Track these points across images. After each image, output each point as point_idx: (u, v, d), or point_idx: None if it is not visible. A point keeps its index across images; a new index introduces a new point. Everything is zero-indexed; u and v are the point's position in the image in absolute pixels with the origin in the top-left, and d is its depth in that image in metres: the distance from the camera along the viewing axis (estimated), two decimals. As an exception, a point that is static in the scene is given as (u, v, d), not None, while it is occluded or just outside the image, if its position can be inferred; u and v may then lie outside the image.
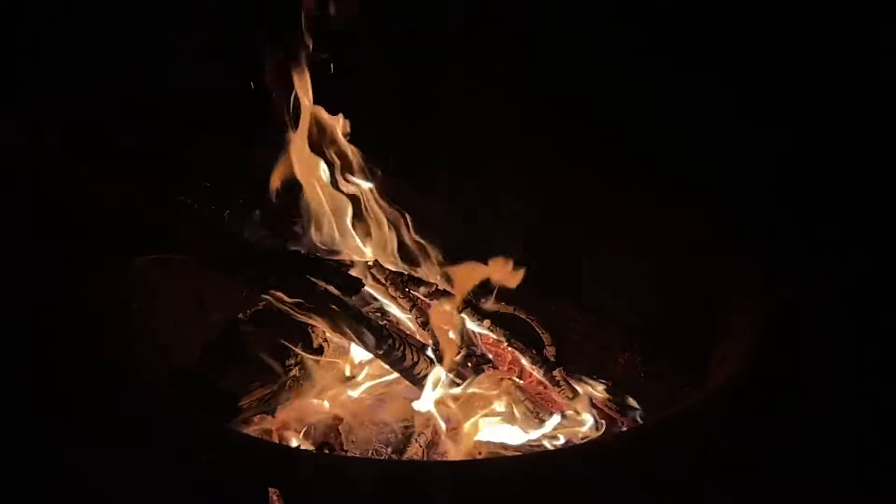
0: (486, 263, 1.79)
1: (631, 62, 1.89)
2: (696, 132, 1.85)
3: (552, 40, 1.95)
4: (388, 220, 1.90)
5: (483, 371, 1.75)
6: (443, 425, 1.65)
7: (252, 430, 1.66)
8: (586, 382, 1.83)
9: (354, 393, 1.76)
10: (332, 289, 1.73)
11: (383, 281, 1.84)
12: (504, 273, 1.78)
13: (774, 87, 1.80)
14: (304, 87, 1.78)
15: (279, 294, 1.65)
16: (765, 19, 1.80)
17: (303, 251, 1.82)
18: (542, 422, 1.66)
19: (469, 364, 1.75)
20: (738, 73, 1.81)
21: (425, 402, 1.68)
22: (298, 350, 1.69)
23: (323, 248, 1.85)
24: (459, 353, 1.76)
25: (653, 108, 1.88)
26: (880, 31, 1.71)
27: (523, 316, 1.84)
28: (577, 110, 1.98)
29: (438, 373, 1.70)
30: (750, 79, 1.80)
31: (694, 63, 1.84)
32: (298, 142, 1.80)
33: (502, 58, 1.96)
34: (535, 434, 1.65)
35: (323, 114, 1.82)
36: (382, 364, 1.73)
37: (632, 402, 1.76)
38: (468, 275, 1.80)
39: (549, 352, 1.82)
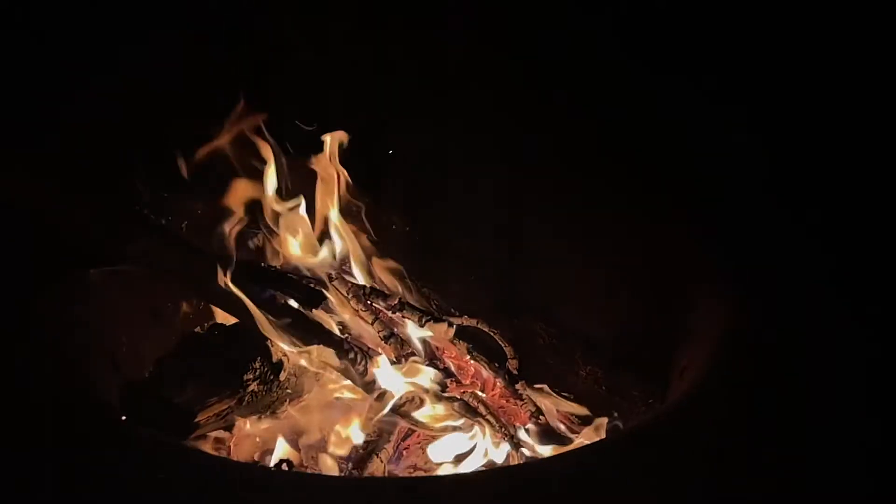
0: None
1: (611, 64, 1.91)
2: (665, 142, 1.88)
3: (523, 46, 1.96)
4: (353, 232, 1.88)
5: (446, 384, 1.73)
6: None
7: (209, 447, 1.62)
8: (548, 396, 1.83)
9: (315, 407, 1.73)
10: (292, 302, 1.71)
11: (345, 294, 1.82)
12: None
13: (749, 93, 1.84)
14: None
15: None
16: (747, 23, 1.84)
17: (263, 264, 1.79)
18: (505, 436, 1.66)
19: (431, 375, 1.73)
20: (720, 78, 1.83)
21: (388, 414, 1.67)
22: (257, 365, 1.66)
23: (284, 260, 1.82)
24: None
25: (619, 118, 1.90)
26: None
27: (486, 329, 1.83)
28: (541, 121, 1.99)
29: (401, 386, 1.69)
30: (727, 85, 1.84)
31: (681, 65, 1.86)
32: (262, 152, 1.78)
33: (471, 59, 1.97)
34: (498, 448, 1.65)
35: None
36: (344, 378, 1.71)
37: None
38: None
39: (512, 365, 1.81)
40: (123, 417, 1.32)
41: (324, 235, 1.86)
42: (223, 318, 1.79)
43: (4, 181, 1.58)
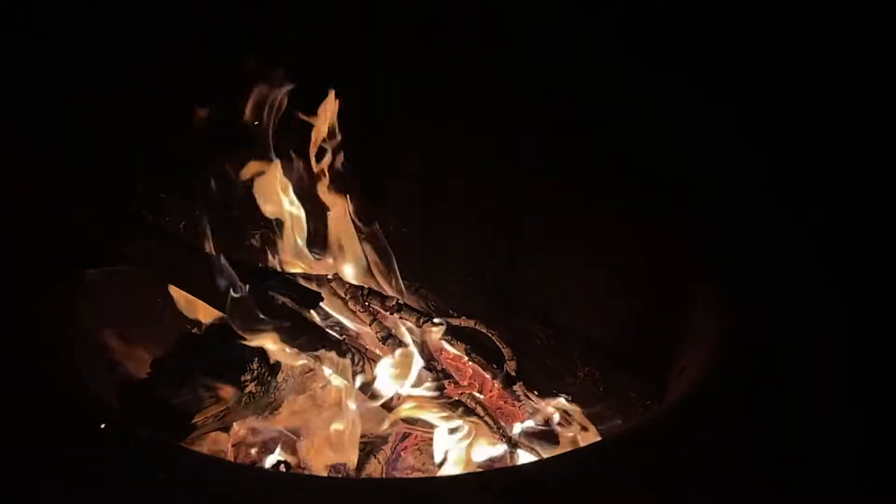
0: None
1: (611, 64, 1.91)
2: (665, 142, 1.88)
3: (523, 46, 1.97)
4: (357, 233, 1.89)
5: (443, 386, 1.73)
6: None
7: (206, 449, 1.62)
8: (546, 397, 1.83)
9: (312, 408, 1.73)
10: (289, 302, 1.70)
11: (343, 295, 1.81)
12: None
13: (748, 93, 1.84)
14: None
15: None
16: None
17: (260, 264, 1.79)
18: (502, 437, 1.66)
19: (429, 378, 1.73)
20: (719, 78, 1.84)
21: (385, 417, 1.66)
22: (255, 366, 1.66)
23: (282, 260, 1.82)
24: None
25: (619, 118, 1.90)
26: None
27: (484, 330, 1.83)
28: (541, 121, 1.99)
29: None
30: (727, 85, 1.84)
31: (681, 65, 1.86)
32: (261, 152, 1.78)
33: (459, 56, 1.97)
34: (497, 449, 1.65)
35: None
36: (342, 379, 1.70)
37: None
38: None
39: (510, 366, 1.81)
40: (102, 426, 1.30)
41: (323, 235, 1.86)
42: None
43: (4, 181, 1.58)
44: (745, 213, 1.76)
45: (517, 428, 1.71)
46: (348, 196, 1.89)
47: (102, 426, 1.24)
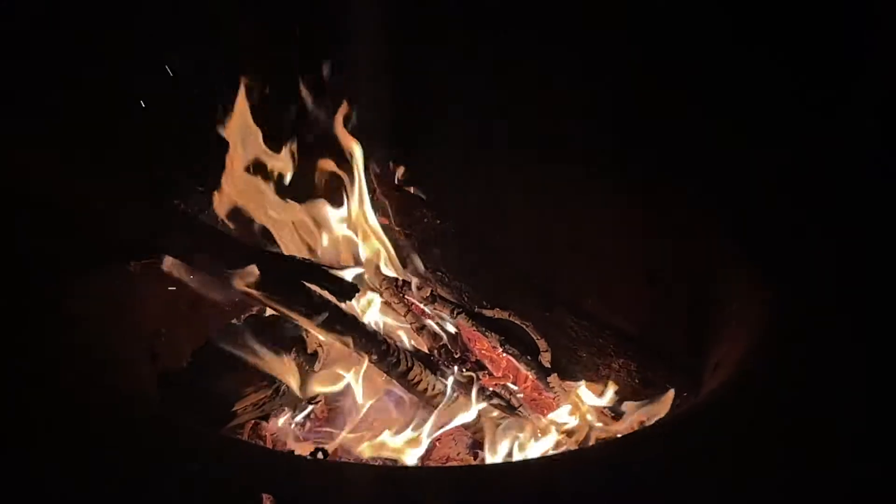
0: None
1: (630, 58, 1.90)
2: (695, 138, 1.86)
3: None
4: (383, 227, 1.90)
5: (478, 377, 1.74)
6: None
7: (245, 436, 1.65)
8: (580, 389, 1.83)
9: (349, 398, 1.75)
10: (326, 294, 1.72)
11: (378, 286, 1.83)
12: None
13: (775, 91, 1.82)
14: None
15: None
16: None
17: (297, 256, 1.81)
18: (537, 427, 1.66)
19: (465, 369, 1.74)
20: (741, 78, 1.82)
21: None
22: (293, 356, 1.68)
23: (317, 254, 1.85)
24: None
25: (652, 108, 1.89)
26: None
27: (518, 321, 1.83)
28: (573, 113, 1.98)
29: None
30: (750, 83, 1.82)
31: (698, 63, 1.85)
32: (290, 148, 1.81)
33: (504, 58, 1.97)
34: (530, 440, 1.65)
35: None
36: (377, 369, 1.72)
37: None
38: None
39: (544, 358, 1.81)
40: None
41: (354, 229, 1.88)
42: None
43: (47, 177, 1.62)
44: (781, 208, 1.74)
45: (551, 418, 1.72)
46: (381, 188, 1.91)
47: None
